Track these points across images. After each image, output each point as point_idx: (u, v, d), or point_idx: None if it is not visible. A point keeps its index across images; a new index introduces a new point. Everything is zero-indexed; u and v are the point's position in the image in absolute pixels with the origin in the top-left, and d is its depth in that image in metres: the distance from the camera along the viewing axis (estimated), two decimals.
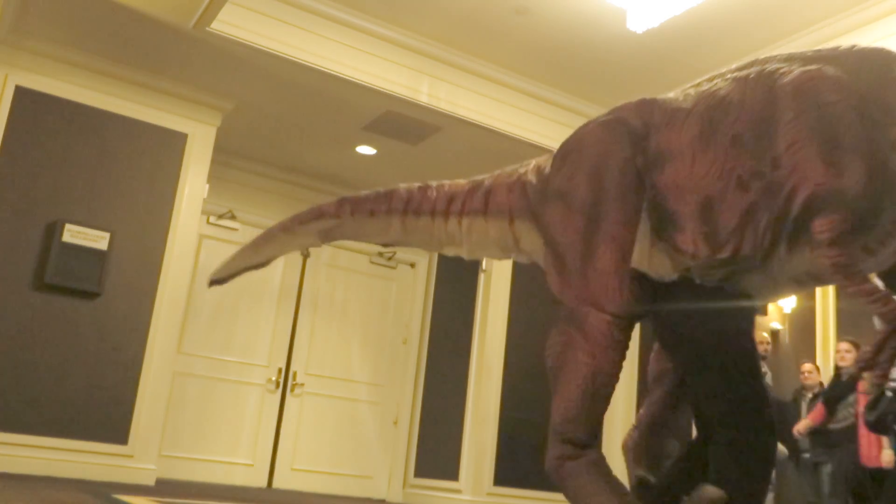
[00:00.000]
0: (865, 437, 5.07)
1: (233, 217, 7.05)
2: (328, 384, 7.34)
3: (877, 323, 1.86)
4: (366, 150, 6.84)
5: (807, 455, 6.31)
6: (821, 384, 6.83)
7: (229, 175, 6.94)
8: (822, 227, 1.83)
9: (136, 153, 5.82)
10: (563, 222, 2.17)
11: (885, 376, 1.86)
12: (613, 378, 2.06)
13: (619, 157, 2.11)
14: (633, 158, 2.11)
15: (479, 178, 2.61)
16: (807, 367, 6.78)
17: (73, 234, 5.43)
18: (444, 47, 5.85)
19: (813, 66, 1.98)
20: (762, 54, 6.22)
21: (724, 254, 1.99)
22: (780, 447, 6.18)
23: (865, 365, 1.86)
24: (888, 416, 4.02)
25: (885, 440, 4.89)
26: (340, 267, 7.50)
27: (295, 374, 7.15)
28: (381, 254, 7.57)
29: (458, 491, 6.63)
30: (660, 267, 2.15)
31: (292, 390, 7.11)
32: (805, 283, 2.08)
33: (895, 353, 1.79)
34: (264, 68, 5.56)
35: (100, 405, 5.38)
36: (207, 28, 5.06)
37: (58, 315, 5.35)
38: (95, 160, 5.66)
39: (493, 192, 2.50)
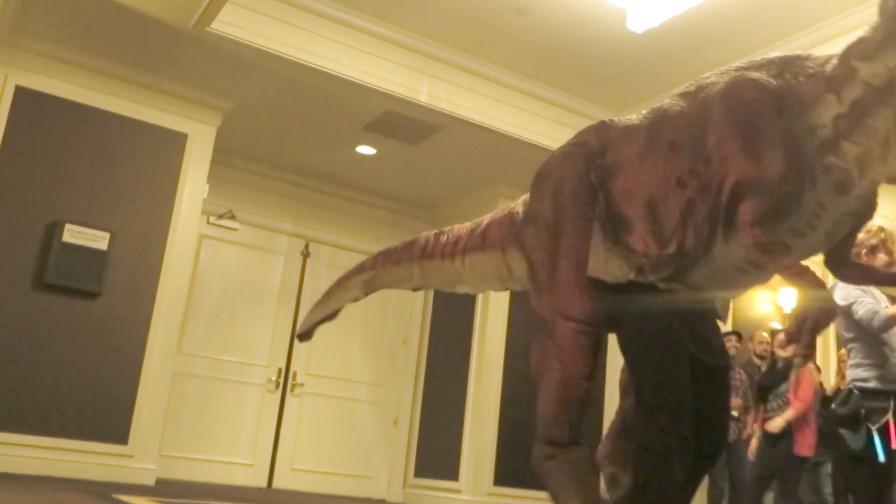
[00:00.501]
0: (803, 427, 5.30)
1: (233, 217, 7.05)
2: (328, 384, 7.34)
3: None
4: (366, 150, 6.84)
5: None
6: (820, 383, 6.83)
7: (229, 175, 6.94)
8: (745, 210, 1.97)
9: (136, 153, 5.82)
10: (535, 242, 2.38)
11: (811, 348, 1.90)
12: (585, 381, 2.22)
13: (574, 176, 2.32)
14: (588, 175, 2.31)
15: (480, 218, 2.86)
16: (807, 366, 6.79)
17: (73, 234, 5.43)
18: (444, 47, 5.85)
19: (740, 73, 2.14)
20: (762, 54, 6.22)
21: (671, 249, 2.15)
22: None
23: (791, 338, 1.94)
24: (859, 412, 4.04)
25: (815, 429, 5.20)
26: (340, 267, 7.47)
27: (295, 374, 7.15)
28: None
29: (457, 491, 6.63)
30: (616, 270, 2.32)
31: (292, 390, 7.11)
32: (747, 270, 2.17)
33: (816, 325, 1.87)
34: (264, 68, 5.56)
35: (100, 405, 5.38)
36: (207, 28, 5.06)
37: (58, 315, 5.35)
38: (95, 160, 5.66)
39: (488, 228, 2.75)
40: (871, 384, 3.99)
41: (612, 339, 2.46)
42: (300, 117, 6.36)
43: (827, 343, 8.07)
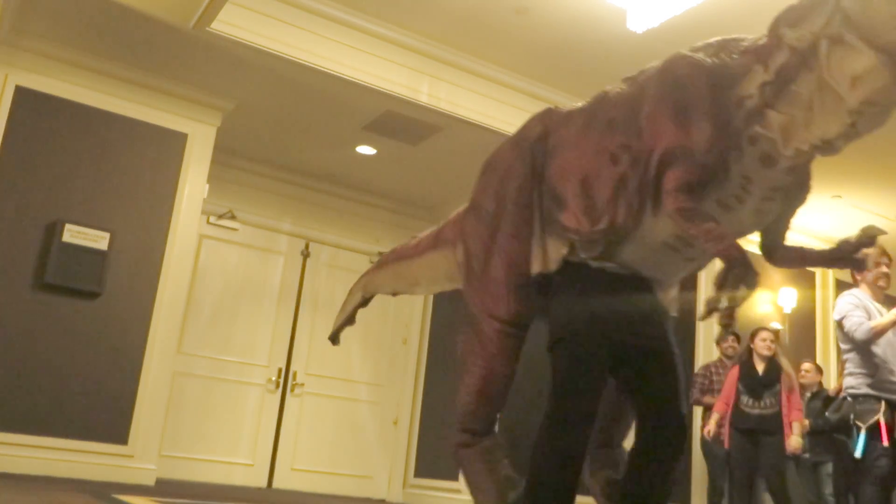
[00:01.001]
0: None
1: (233, 217, 7.05)
2: (328, 384, 7.33)
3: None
4: (366, 150, 6.84)
5: (807, 455, 6.32)
6: (819, 383, 6.84)
7: (229, 175, 6.94)
8: (669, 178, 1.99)
9: (136, 153, 5.82)
10: (473, 232, 2.41)
11: (731, 315, 1.92)
12: (506, 379, 2.31)
13: (520, 171, 2.34)
14: (532, 168, 2.31)
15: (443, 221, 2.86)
16: (806, 365, 6.80)
17: (73, 234, 5.42)
18: (444, 47, 5.85)
19: (676, 53, 2.20)
20: None
21: (602, 224, 2.12)
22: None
23: (711, 305, 1.93)
24: (849, 416, 4.35)
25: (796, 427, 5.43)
26: (340, 267, 7.49)
27: (295, 374, 7.15)
28: (381, 254, 7.56)
29: (457, 491, 6.63)
30: (554, 252, 2.25)
31: (292, 390, 7.11)
32: (677, 247, 2.15)
33: (736, 289, 1.88)
34: (264, 68, 5.56)
35: (100, 405, 5.38)
36: (207, 28, 5.06)
37: (58, 315, 5.35)
38: (95, 160, 5.66)
39: (443, 228, 2.76)
40: (863, 390, 4.29)
41: None
42: (300, 117, 6.36)
43: (827, 345, 8.09)
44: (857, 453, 4.24)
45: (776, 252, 2.28)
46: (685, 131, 2.00)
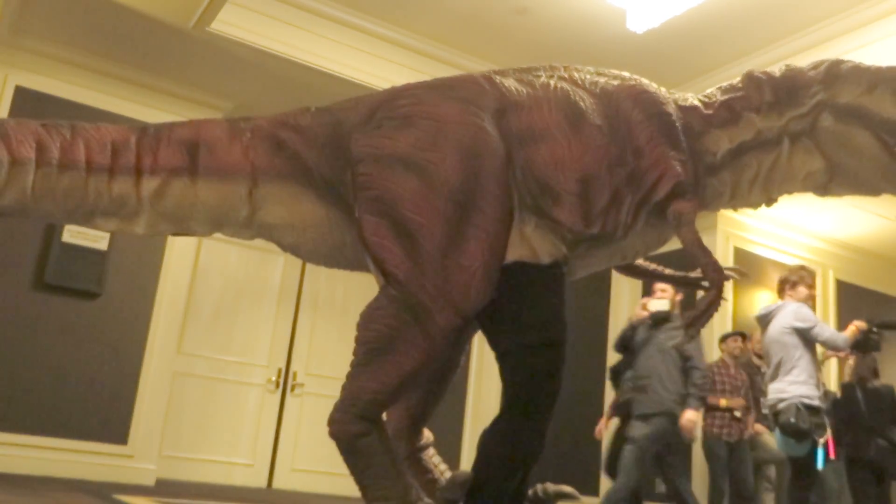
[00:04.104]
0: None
1: None
2: (328, 384, 7.32)
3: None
4: None
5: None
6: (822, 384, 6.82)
7: None
8: (684, 208, 2.17)
9: None
10: (418, 198, 1.99)
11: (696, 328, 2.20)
12: (428, 371, 2.07)
13: (497, 149, 2.08)
14: (508, 158, 2.10)
15: (147, 125, 2.20)
16: None
17: (73, 234, 5.42)
18: (444, 47, 5.85)
19: (631, 80, 2.34)
20: (762, 54, 6.23)
21: (594, 229, 2.14)
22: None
23: (698, 324, 2.18)
24: (802, 425, 4.57)
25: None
26: None
27: (295, 374, 7.15)
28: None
29: None
30: (550, 246, 2.13)
31: (292, 390, 7.11)
32: (641, 252, 2.39)
33: (710, 311, 2.16)
34: (264, 68, 5.56)
35: (100, 405, 5.38)
36: (207, 28, 5.06)
37: (58, 315, 5.35)
38: None
39: (210, 148, 2.13)
40: (816, 402, 4.60)
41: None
42: None
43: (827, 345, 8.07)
44: (820, 466, 4.59)
45: (632, 267, 2.57)
46: (684, 167, 2.20)
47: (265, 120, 2.24)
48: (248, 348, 7.00)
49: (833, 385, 7.48)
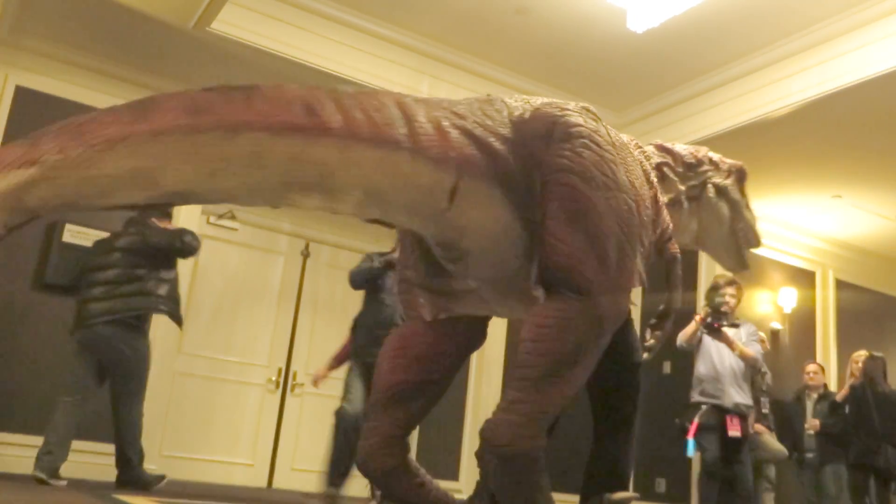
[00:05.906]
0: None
1: (233, 217, 7.04)
2: (328, 384, 7.30)
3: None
4: None
5: (810, 455, 6.32)
6: (825, 385, 6.83)
7: None
8: (674, 247, 2.56)
9: None
10: (612, 214, 2.00)
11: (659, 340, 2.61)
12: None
13: (632, 158, 2.30)
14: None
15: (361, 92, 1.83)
16: (811, 367, 6.77)
17: (73, 234, 5.42)
18: (444, 47, 5.85)
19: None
20: (762, 54, 6.21)
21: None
22: (782, 447, 6.18)
23: (659, 339, 2.62)
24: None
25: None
26: (340, 267, 7.48)
27: (295, 374, 7.15)
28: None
29: (458, 491, 6.63)
30: (643, 270, 2.34)
31: (292, 390, 7.11)
32: None
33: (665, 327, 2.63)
34: (264, 68, 5.56)
35: (100, 405, 5.37)
36: (207, 28, 5.06)
37: (58, 315, 5.34)
38: None
39: (437, 131, 1.85)
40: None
41: None
42: None
43: (827, 345, 8.07)
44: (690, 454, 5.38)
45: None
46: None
47: (470, 116, 2.09)
48: (249, 348, 7.00)
49: (833, 385, 7.48)
